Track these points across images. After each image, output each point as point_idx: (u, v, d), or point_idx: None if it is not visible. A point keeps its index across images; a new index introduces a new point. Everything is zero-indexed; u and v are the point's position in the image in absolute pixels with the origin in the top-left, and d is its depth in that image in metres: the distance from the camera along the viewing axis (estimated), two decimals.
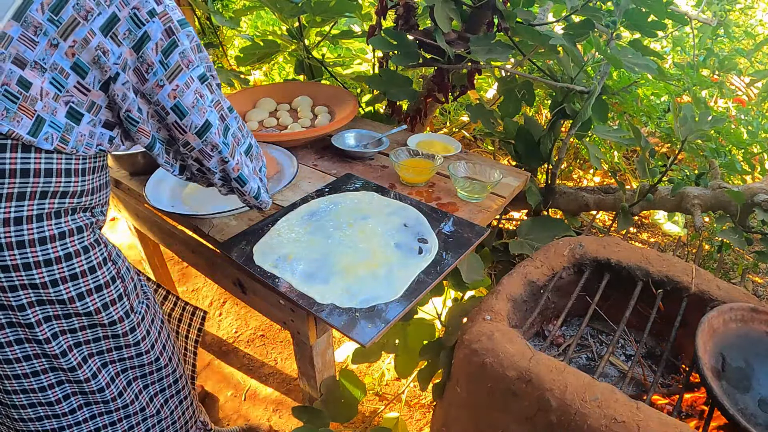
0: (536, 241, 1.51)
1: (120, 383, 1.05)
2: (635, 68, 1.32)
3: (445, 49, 1.49)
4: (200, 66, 0.90)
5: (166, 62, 0.85)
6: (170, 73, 0.86)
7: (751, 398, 0.84)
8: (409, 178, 1.39)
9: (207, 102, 0.91)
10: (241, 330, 2.06)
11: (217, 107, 0.94)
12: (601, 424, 0.75)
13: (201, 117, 0.90)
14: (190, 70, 0.88)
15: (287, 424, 1.68)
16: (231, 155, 0.97)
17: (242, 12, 2.41)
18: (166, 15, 0.84)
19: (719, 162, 1.82)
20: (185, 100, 0.88)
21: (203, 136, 0.92)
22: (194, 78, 0.88)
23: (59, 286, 0.89)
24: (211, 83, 0.92)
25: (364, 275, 1.04)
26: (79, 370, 0.98)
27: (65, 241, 0.88)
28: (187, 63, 0.87)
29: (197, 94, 0.89)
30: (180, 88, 0.87)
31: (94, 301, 0.93)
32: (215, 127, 0.92)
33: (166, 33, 0.84)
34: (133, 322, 1.01)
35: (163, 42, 0.84)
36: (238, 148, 0.99)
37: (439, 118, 3.06)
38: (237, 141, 0.98)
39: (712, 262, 2.25)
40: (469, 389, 0.96)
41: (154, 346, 1.07)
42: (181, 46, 0.86)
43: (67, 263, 0.89)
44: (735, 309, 0.95)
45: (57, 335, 0.93)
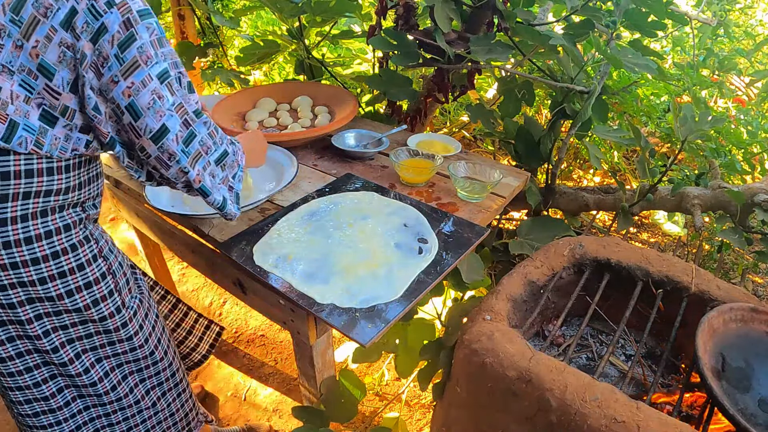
0: (536, 241, 1.51)
1: (114, 377, 1.05)
2: (635, 68, 1.32)
3: (445, 49, 1.49)
4: (161, 63, 0.83)
5: (122, 57, 0.79)
6: (126, 68, 0.80)
7: (751, 398, 0.84)
8: (409, 178, 1.39)
9: (166, 105, 0.83)
10: (241, 330, 2.06)
11: (180, 111, 0.86)
12: (601, 424, 0.75)
13: (157, 121, 0.83)
14: (148, 66, 0.81)
15: (287, 424, 1.68)
16: (192, 165, 0.89)
17: (242, 12, 2.41)
18: (125, 5, 0.78)
19: (719, 162, 1.82)
20: (140, 100, 0.81)
21: (158, 142, 0.84)
22: (152, 76, 0.81)
23: (47, 284, 0.89)
24: (171, 83, 0.84)
25: (364, 275, 1.04)
26: (70, 365, 0.98)
27: (52, 240, 0.87)
28: (145, 59, 0.80)
29: (154, 95, 0.82)
30: (135, 86, 0.80)
31: (83, 298, 0.93)
32: (173, 133, 0.85)
33: (124, 25, 0.78)
34: (125, 317, 1.00)
35: (120, 35, 0.78)
36: (206, 157, 0.92)
37: (439, 118, 3.06)
38: (205, 149, 0.91)
39: (712, 262, 2.25)
40: (469, 389, 0.96)
41: (148, 341, 1.06)
42: (140, 39, 0.79)
43: (55, 261, 0.88)
44: (735, 309, 0.95)
45: (49, 332, 0.94)
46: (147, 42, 0.80)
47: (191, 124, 0.88)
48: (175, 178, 0.90)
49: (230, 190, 0.99)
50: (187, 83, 0.89)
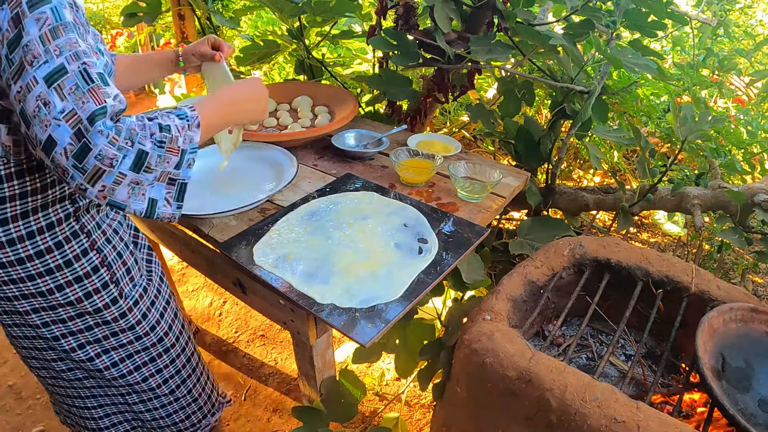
0: (536, 241, 1.51)
1: (125, 367, 1.05)
2: (635, 68, 1.32)
3: (445, 49, 1.49)
4: (52, 60, 0.70)
5: (11, 58, 0.70)
6: (15, 71, 0.71)
7: (751, 398, 0.84)
8: (409, 178, 1.39)
9: (53, 112, 0.69)
10: (241, 330, 2.06)
11: (71, 120, 0.70)
12: (601, 424, 0.75)
13: (42, 131, 0.70)
14: (33, 68, 0.69)
15: (287, 424, 1.68)
16: (91, 182, 0.73)
17: (242, 12, 2.41)
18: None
19: (719, 162, 1.82)
20: (27, 107, 0.70)
21: (49, 154, 0.71)
22: (38, 79, 0.69)
23: (36, 280, 0.89)
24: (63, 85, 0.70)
25: (364, 275, 1.04)
26: (73, 353, 0.99)
27: (35, 240, 0.87)
28: (30, 59, 0.70)
29: (39, 101, 0.69)
30: (22, 92, 0.70)
31: (74, 292, 0.93)
32: (61, 146, 0.70)
33: (12, 22, 0.70)
34: (123, 308, 0.99)
35: (9, 33, 0.70)
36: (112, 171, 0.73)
37: (439, 118, 3.06)
38: (108, 162, 0.73)
39: (712, 262, 2.25)
40: (469, 389, 0.96)
41: (155, 328, 1.05)
42: (26, 36, 0.69)
43: (40, 260, 0.88)
44: (735, 309, 0.95)
45: (48, 324, 0.95)
46: (34, 38, 0.70)
47: (85, 134, 0.71)
48: (79, 193, 0.79)
49: (170, 183, 0.82)
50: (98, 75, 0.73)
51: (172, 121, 0.81)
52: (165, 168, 0.80)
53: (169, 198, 0.82)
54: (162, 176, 0.80)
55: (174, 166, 0.81)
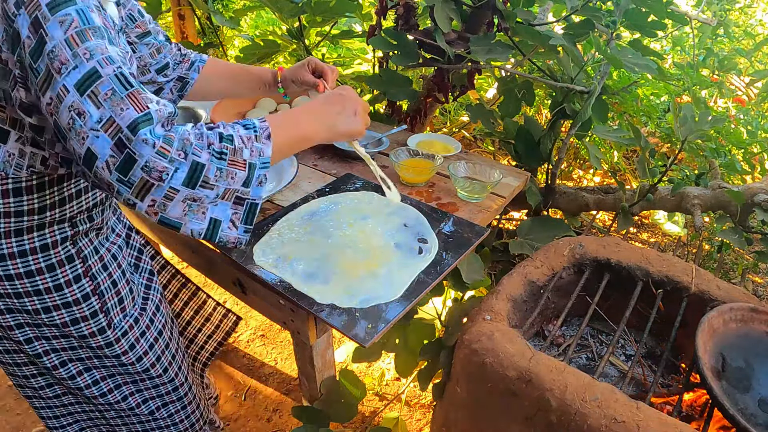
0: (536, 241, 1.51)
1: (105, 386, 1.01)
2: (635, 68, 1.32)
3: (445, 49, 1.49)
4: (83, 65, 0.63)
5: (35, 68, 0.64)
6: (42, 81, 0.64)
7: (751, 398, 0.84)
8: (409, 178, 1.39)
9: (89, 123, 0.63)
10: (241, 330, 2.06)
11: (110, 129, 0.63)
12: (601, 424, 0.75)
13: (80, 144, 0.64)
14: (62, 75, 0.63)
15: (287, 424, 1.68)
16: (139, 196, 0.66)
17: (242, 12, 2.42)
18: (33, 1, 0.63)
19: (719, 162, 1.82)
20: (61, 119, 0.64)
21: (91, 169, 0.65)
22: (68, 87, 0.63)
23: (23, 298, 0.86)
24: (98, 90, 0.63)
25: (364, 275, 1.04)
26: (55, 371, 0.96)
27: (27, 259, 0.83)
28: (57, 66, 0.63)
29: (73, 112, 0.63)
30: (54, 103, 0.64)
31: (61, 316, 0.89)
32: (102, 159, 0.63)
33: (33, 28, 0.63)
34: (110, 338, 0.95)
35: (30, 40, 0.64)
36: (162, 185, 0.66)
37: (439, 118, 3.06)
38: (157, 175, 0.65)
39: (712, 262, 2.25)
40: (469, 389, 0.96)
41: (142, 359, 1.00)
42: (50, 42, 0.63)
43: (29, 279, 0.84)
44: (735, 309, 0.95)
45: (31, 340, 0.91)
46: (59, 42, 0.63)
47: (127, 144, 0.64)
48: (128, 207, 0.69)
49: (237, 203, 0.72)
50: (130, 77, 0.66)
51: (236, 131, 0.72)
52: (230, 185, 0.70)
53: (236, 219, 0.73)
54: (227, 194, 0.71)
55: (242, 182, 0.71)
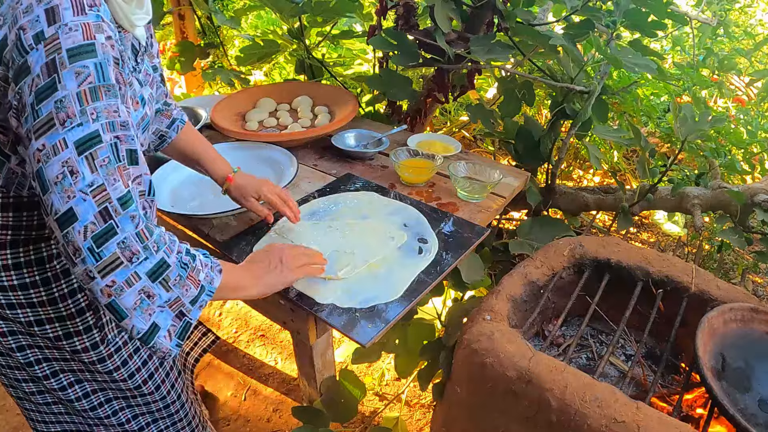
0: (536, 241, 1.51)
1: (96, 399, 1.00)
2: (635, 68, 1.32)
3: (445, 49, 1.49)
4: (87, 124, 0.63)
5: (37, 109, 0.62)
6: (40, 125, 0.62)
7: (751, 398, 0.84)
8: (409, 178, 1.39)
9: (80, 184, 0.62)
10: (241, 330, 2.06)
11: (98, 196, 0.63)
12: (601, 424, 0.75)
13: (63, 202, 0.62)
14: (65, 128, 0.62)
15: (287, 424, 1.68)
16: (101, 272, 0.64)
17: (243, 12, 2.41)
18: (55, 42, 0.62)
19: (719, 162, 1.82)
20: (49, 171, 0.62)
21: (64, 229, 0.63)
22: (68, 142, 0.62)
23: (16, 310, 0.84)
24: (96, 155, 0.63)
25: (364, 275, 1.04)
26: (46, 381, 0.94)
27: (21, 272, 0.82)
28: (63, 117, 0.62)
29: (66, 168, 0.62)
30: (46, 152, 0.62)
31: (54, 329, 0.88)
32: (81, 223, 0.62)
33: (47, 68, 0.62)
34: (102, 354, 0.93)
35: (39, 80, 0.62)
36: (129, 267, 0.65)
37: (439, 118, 3.06)
38: (128, 256, 0.65)
39: (712, 262, 2.25)
40: (469, 389, 0.96)
41: (134, 375, 0.99)
42: (61, 90, 0.62)
43: (23, 292, 0.83)
44: (735, 309, 0.95)
45: (24, 347, 0.90)
46: (71, 94, 0.62)
47: (112, 216, 0.64)
48: (82, 281, 0.66)
49: (178, 317, 0.73)
50: (127, 152, 0.67)
51: (198, 254, 0.76)
52: (181, 295, 0.72)
53: (172, 331, 0.73)
54: (174, 304, 0.72)
55: (190, 299, 0.73)
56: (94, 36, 0.64)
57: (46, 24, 0.62)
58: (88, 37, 0.64)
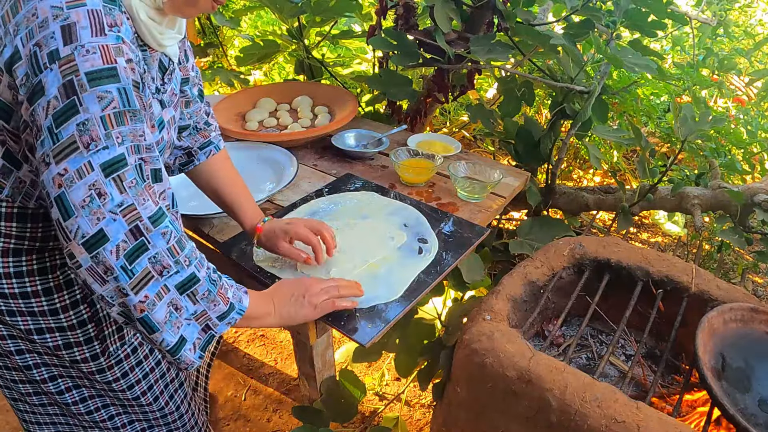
0: (536, 241, 1.51)
1: (93, 404, 0.99)
2: (635, 68, 1.32)
3: (445, 49, 1.49)
4: (113, 148, 0.62)
5: (56, 132, 0.60)
6: (60, 149, 0.61)
7: (751, 398, 0.84)
8: (409, 178, 1.39)
9: (109, 205, 0.62)
10: (241, 330, 2.06)
11: (129, 215, 0.64)
12: (601, 424, 0.75)
13: (93, 225, 0.62)
14: (90, 151, 0.61)
15: (287, 424, 1.68)
16: (134, 289, 0.65)
17: (242, 12, 2.41)
18: (71, 63, 0.60)
19: (719, 162, 1.82)
20: (73, 195, 0.61)
21: (93, 251, 0.62)
22: (94, 165, 0.61)
23: (16, 317, 0.83)
24: (124, 177, 0.63)
25: (364, 275, 1.04)
26: (43, 384, 0.93)
27: (23, 280, 0.80)
28: (86, 141, 0.61)
29: (93, 191, 0.61)
30: (68, 176, 0.61)
31: (54, 339, 0.86)
32: (113, 243, 0.63)
33: (64, 90, 0.60)
34: (102, 365, 0.92)
35: (57, 102, 0.60)
36: (159, 279, 0.67)
37: (439, 118, 3.06)
38: (159, 269, 0.67)
39: (712, 262, 2.25)
40: (469, 389, 0.96)
41: (134, 387, 0.97)
42: (83, 114, 0.60)
43: (24, 300, 0.82)
44: (735, 309, 0.95)
45: (22, 351, 0.89)
46: (94, 117, 0.61)
47: (143, 233, 0.65)
48: (111, 298, 0.66)
49: (204, 330, 0.74)
50: (152, 171, 0.67)
51: (225, 276, 0.79)
52: (208, 309, 0.73)
53: (197, 344, 0.74)
54: (201, 317, 0.73)
55: (218, 315, 0.75)
56: (114, 59, 0.62)
57: (61, 42, 0.60)
58: (108, 60, 0.62)
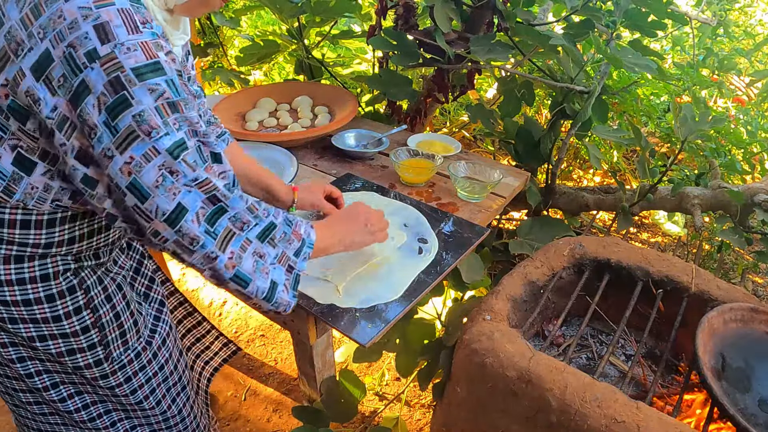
0: (536, 241, 1.51)
1: (95, 410, 0.99)
2: (635, 68, 1.32)
3: (445, 49, 1.49)
4: (174, 133, 0.66)
5: (113, 125, 0.63)
6: (120, 140, 0.64)
7: (751, 398, 0.84)
8: (409, 178, 1.39)
9: (182, 181, 0.67)
10: (241, 330, 2.06)
11: (204, 187, 0.69)
12: (601, 424, 0.75)
13: (170, 200, 0.66)
14: (152, 138, 0.64)
15: (287, 424, 1.68)
16: (221, 248, 0.71)
17: (242, 12, 2.41)
18: (113, 60, 0.61)
19: (719, 162, 1.82)
20: (145, 178, 0.65)
21: (176, 224, 0.68)
22: (159, 149, 0.65)
23: (18, 324, 0.82)
24: (187, 156, 0.67)
25: (364, 275, 1.04)
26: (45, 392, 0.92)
27: (25, 287, 0.80)
28: (147, 129, 0.64)
29: (164, 170, 0.66)
30: (136, 162, 0.65)
31: (57, 345, 0.86)
32: (192, 212, 0.68)
33: (111, 86, 0.62)
34: (106, 371, 0.92)
35: (107, 98, 0.62)
36: (241, 234, 0.74)
37: (439, 118, 3.06)
38: (240, 225, 0.74)
39: (712, 262, 2.25)
40: (469, 389, 0.96)
41: (137, 391, 0.97)
42: (137, 106, 0.63)
43: (26, 308, 0.81)
44: (735, 309, 0.95)
45: (24, 359, 0.88)
46: (150, 108, 0.64)
47: (221, 199, 0.71)
48: (200, 265, 0.72)
49: (289, 270, 0.81)
50: (211, 154, 0.71)
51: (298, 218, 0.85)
52: (286, 249, 0.80)
53: (287, 285, 0.81)
54: (282, 258, 0.80)
55: (294, 252, 0.81)
56: (155, 54, 0.64)
57: (98, 42, 0.61)
58: (151, 56, 0.64)
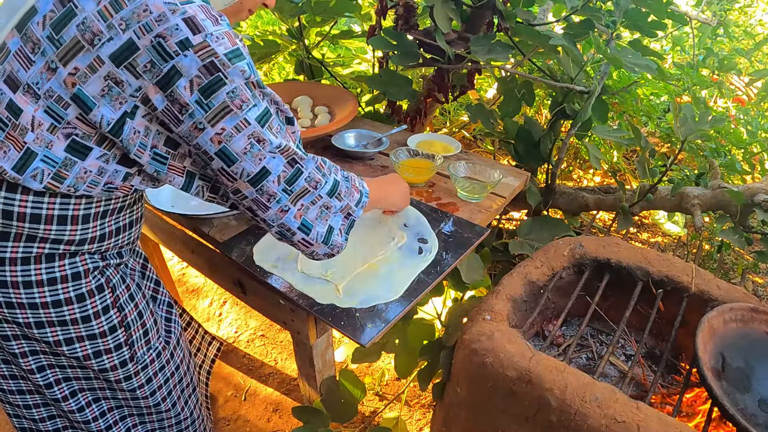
0: (536, 241, 1.51)
1: (111, 417, 1.00)
2: (635, 68, 1.32)
3: (445, 49, 1.49)
4: (259, 105, 0.75)
5: (206, 103, 0.70)
6: (213, 114, 0.71)
7: (751, 398, 0.84)
8: (409, 178, 1.39)
9: (268, 147, 0.76)
10: (241, 330, 2.06)
11: (286, 153, 0.78)
12: (601, 424, 0.75)
13: (256, 164, 0.76)
14: (243, 111, 0.73)
15: (287, 424, 1.68)
16: (294, 202, 0.81)
17: None
18: (207, 48, 0.68)
19: (719, 162, 1.82)
20: (234, 146, 0.74)
21: (258, 184, 0.77)
22: (249, 120, 0.74)
23: (45, 329, 0.82)
24: (272, 124, 0.77)
25: (364, 275, 1.04)
26: (64, 402, 0.93)
27: (56, 288, 0.80)
28: (239, 103, 0.72)
29: (252, 139, 0.74)
30: (227, 132, 0.73)
31: (84, 348, 0.86)
32: (275, 174, 0.78)
33: (206, 69, 0.69)
34: (130, 371, 0.93)
35: (201, 80, 0.69)
36: (313, 192, 0.83)
37: (439, 118, 3.06)
38: (314, 185, 0.83)
39: (712, 262, 2.25)
40: (469, 389, 0.96)
41: (155, 393, 0.99)
42: (230, 84, 0.71)
43: (56, 309, 0.81)
44: (735, 309, 0.95)
45: (44, 368, 0.88)
46: (241, 85, 0.72)
47: (297, 162, 0.80)
48: (272, 220, 0.81)
49: (346, 217, 0.90)
50: (285, 118, 0.83)
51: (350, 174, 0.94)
52: (350, 200, 0.89)
53: (342, 229, 0.89)
54: (344, 209, 0.89)
55: (355, 202, 0.90)
56: (236, 42, 0.72)
57: (189, 33, 0.67)
58: (234, 43, 0.72)
